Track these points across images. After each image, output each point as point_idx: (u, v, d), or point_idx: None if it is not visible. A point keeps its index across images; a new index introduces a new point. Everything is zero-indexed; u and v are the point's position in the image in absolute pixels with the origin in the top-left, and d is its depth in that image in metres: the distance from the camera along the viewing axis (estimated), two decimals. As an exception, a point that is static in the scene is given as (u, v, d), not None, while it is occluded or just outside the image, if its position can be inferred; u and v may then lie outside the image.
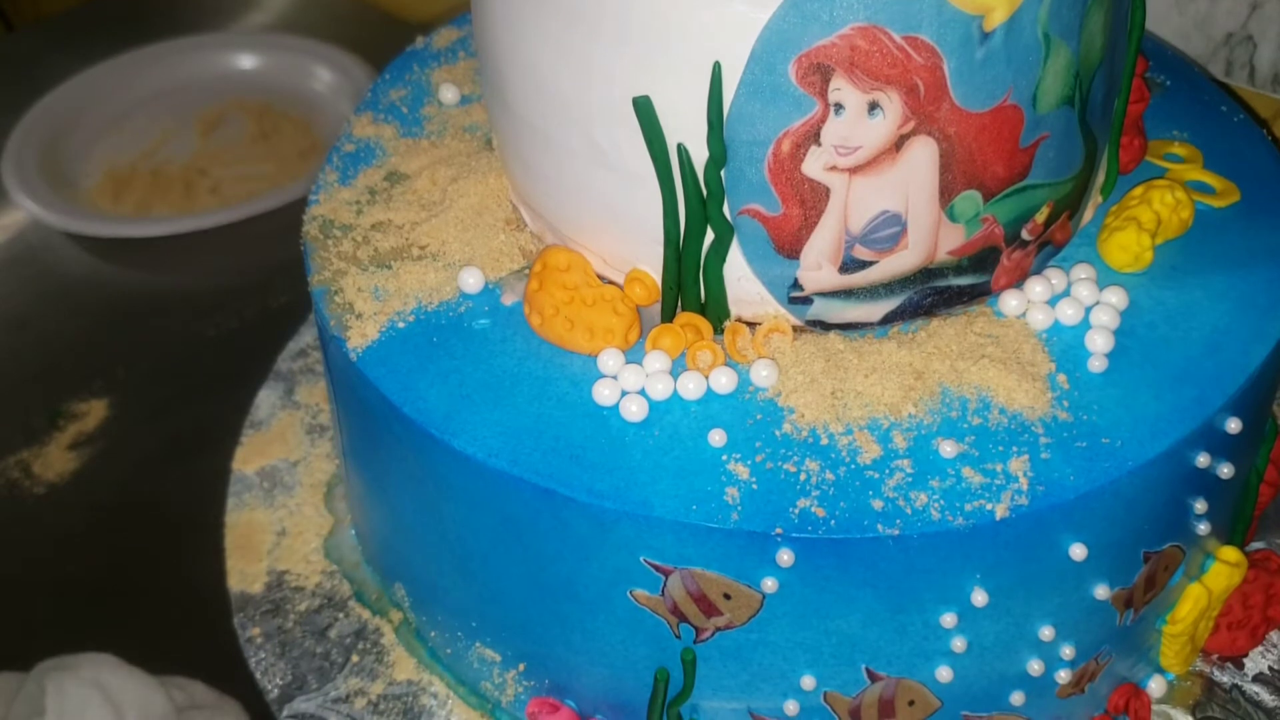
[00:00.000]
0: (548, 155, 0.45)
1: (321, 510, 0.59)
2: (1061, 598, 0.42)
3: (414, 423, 0.43)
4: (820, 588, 0.40)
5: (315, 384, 0.65)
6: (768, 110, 0.39)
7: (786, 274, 0.43)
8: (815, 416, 0.41)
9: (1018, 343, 0.43)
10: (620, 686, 0.45)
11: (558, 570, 0.43)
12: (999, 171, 0.42)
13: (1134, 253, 0.45)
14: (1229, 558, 0.48)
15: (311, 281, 0.48)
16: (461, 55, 0.57)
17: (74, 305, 0.76)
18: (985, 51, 0.39)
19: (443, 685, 0.52)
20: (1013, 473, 0.40)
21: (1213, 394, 0.42)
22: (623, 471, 0.40)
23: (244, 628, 0.55)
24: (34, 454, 0.65)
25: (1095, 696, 0.48)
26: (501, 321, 0.45)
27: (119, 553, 0.60)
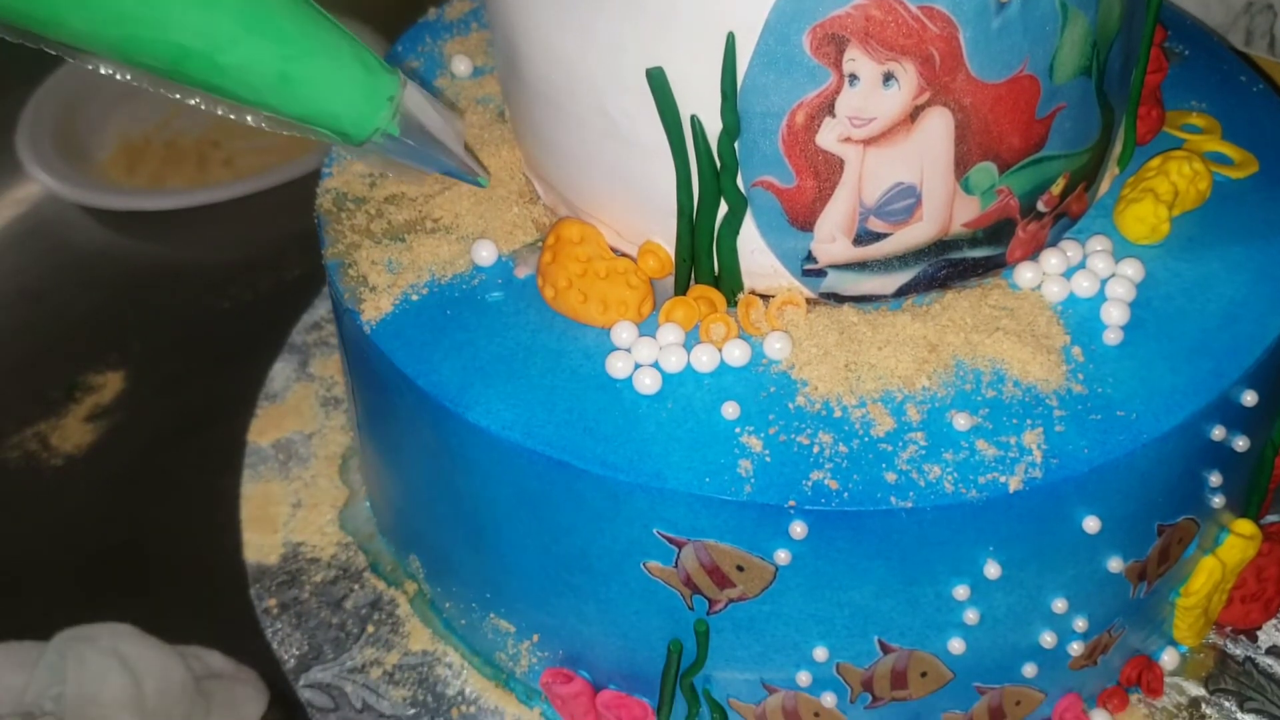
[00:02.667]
0: (561, 127, 0.44)
1: (336, 482, 0.59)
2: (1075, 570, 0.42)
3: (428, 395, 0.43)
4: (833, 560, 0.40)
5: (330, 356, 0.65)
6: (782, 81, 0.39)
7: (800, 246, 0.43)
8: (829, 389, 0.41)
9: (1032, 315, 0.43)
10: (634, 657, 0.46)
11: (571, 542, 0.43)
12: (1015, 143, 0.41)
13: (1150, 224, 0.45)
14: (1243, 531, 0.48)
15: (325, 254, 0.48)
16: (474, 27, 0.57)
17: (89, 278, 0.76)
18: (1001, 21, 0.39)
19: (457, 656, 0.52)
20: (1026, 445, 0.40)
21: (1229, 367, 0.42)
22: (636, 444, 0.40)
23: (260, 598, 0.55)
24: (51, 426, 0.66)
25: (1108, 668, 0.48)
26: (515, 294, 0.45)
27: (136, 524, 0.61)
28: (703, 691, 0.46)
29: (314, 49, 0.38)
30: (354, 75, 0.39)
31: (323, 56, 0.38)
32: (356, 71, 0.39)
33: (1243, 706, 0.49)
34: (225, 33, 0.36)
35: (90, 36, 0.34)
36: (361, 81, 0.39)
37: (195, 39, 0.35)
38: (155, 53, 0.35)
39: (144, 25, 0.34)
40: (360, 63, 0.39)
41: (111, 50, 0.35)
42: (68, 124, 0.84)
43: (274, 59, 0.37)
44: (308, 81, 0.38)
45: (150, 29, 0.34)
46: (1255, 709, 0.49)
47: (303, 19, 0.38)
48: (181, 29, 0.35)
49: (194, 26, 0.35)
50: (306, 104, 0.38)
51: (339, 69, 0.39)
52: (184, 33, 0.35)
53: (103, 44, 0.35)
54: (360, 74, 0.39)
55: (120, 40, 0.34)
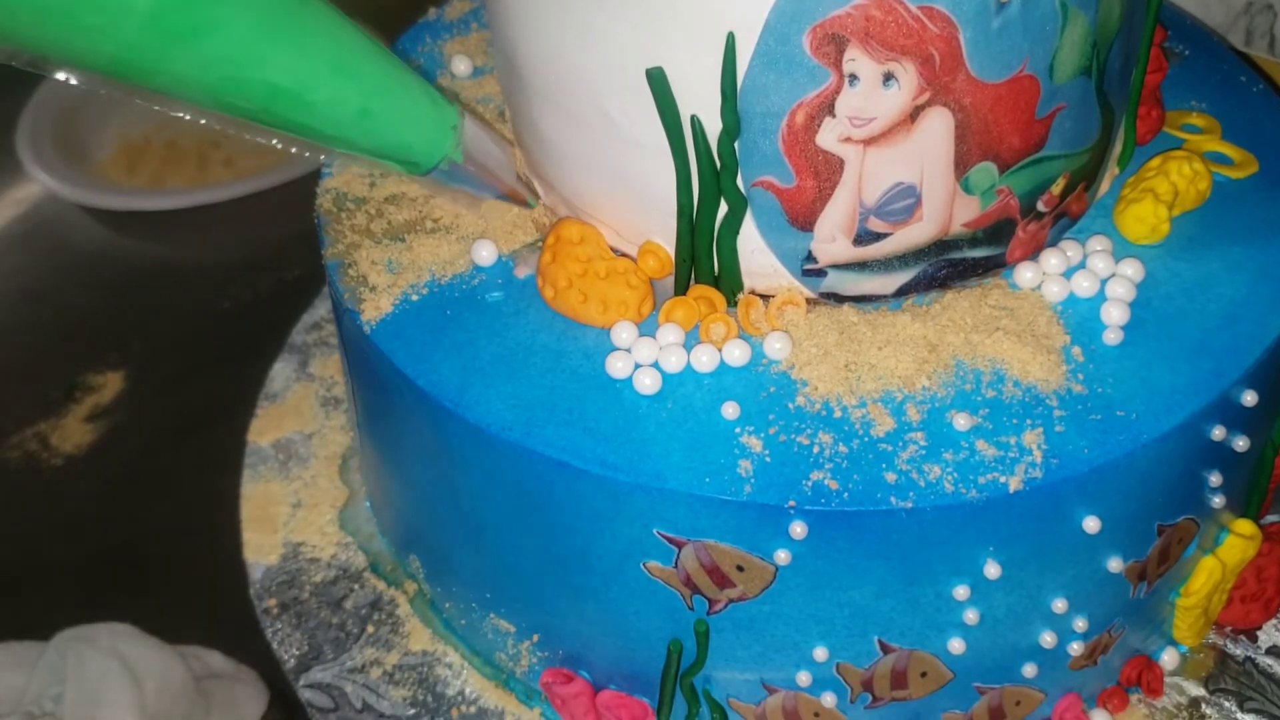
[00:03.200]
0: (560, 127, 0.44)
1: (336, 482, 0.59)
2: (1075, 570, 0.42)
3: (428, 395, 0.43)
4: (833, 560, 0.40)
5: (330, 356, 0.65)
6: (782, 81, 0.39)
7: (800, 246, 0.43)
8: (829, 389, 0.41)
9: (1032, 315, 0.43)
10: (634, 657, 0.46)
11: (571, 542, 0.43)
12: (1015, 143, 0.41)
13: (1150, 224, 0.45)
14: (1243, 531, 0.48)
15: (325, 254, 0.48)
16: (474, 27, 0.57)
17: (89, 278, 0.76)
18: (1001, 21, 0.39)
19: (457, 656, 0.52)
20: (1026, 445, 0.40)
21: (1229, 367, 0.42)
22: (636, 444, 0.40)
23: (260, 599, 0.55)
24: (51, 426, 0.66)
25: (1108, 668, 0.48)
26: (515, 294, 0.45)
27: (136, 524, 0.61)
28: (703, 691, 0.46)
29: (390, 85, 0.41)
30: (424, 108, 0.42)
31: (398, 91, 0.41)
32: (425, 104, 0.42)
33: (1243, 706, 0.49)
34: (314, 72, 0.38)
35: (190, 85, 0.37)
36: (430, 113, 0.42)
37: (288, 78, 0.38)
38: (249, 93, 0.37)
39: (243, 67, 0.37)
40: (427, 96, 0.42)
41: (207, 94, 0.37)
42: (68, 124, 0.84)
43: (356, 95, 0.40)
44: (385, 116, 0.41)
45: (248, 70, 0.37)
46: (1255, 709, 0.49)
47: (379, 58, 0.40)
48: (277, 69, 0.37)
49: (287, 67, 0.37)
50: (384, 137, 0.41)
51: (412, 103, 0.41)
52: (279, 72, 0.37)
53: (201, 90, 0.37)
54: (428, 106, 0.42)
55: (219, 83, 0.37)
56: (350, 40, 0.39)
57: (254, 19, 0.36)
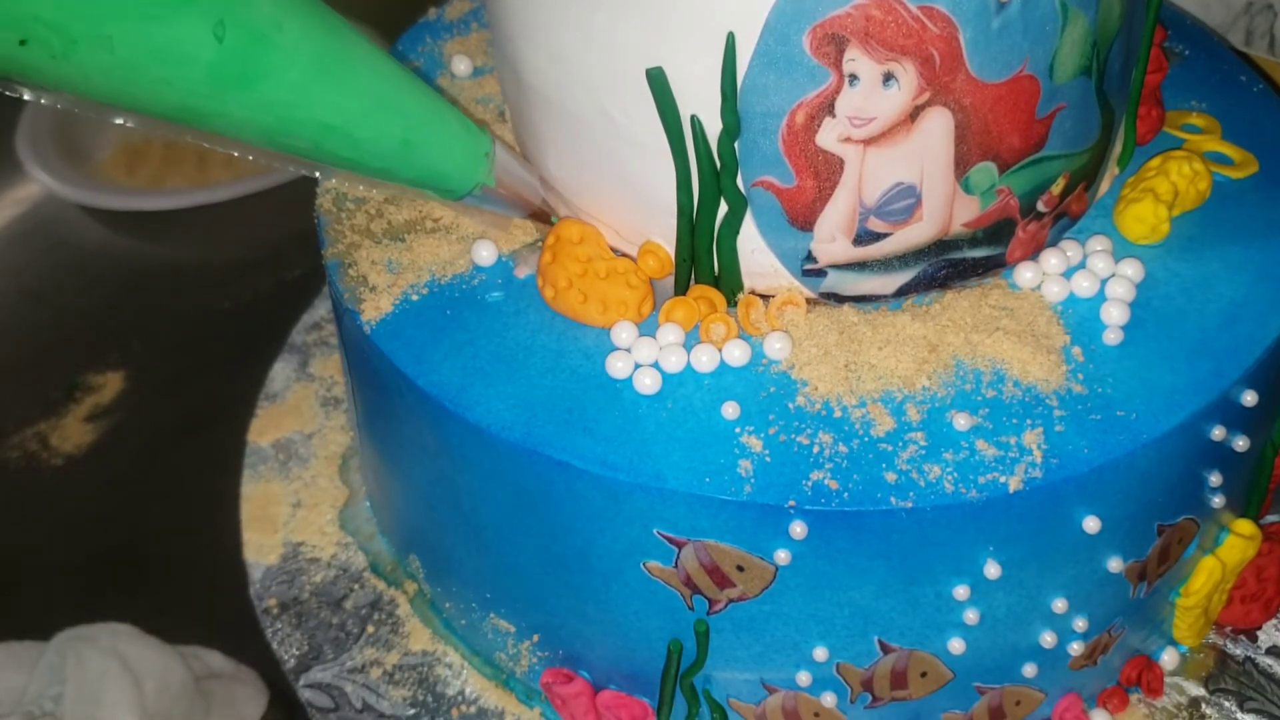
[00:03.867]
0: (560, 127, 0.44)
1: (336, 482, 0.59)
2: (1075, 570, 0.42)
3: (428, 395, 0.43)
4: (833, 560, 0.40)
5: (330, 356, 0.66)
6: (782, 81, 0.39)
7: (800, 246, 0.43)
8: (829, 389, 0.41)
9: (1032, 315, 0.43)
10: (634, 657, 0.46)
11: (571, 542, 0.43)
12: (1015, 143, 0.41)
13: (1150, 224, 0.45)
14: (1243, 531, 0.48)
15: (325, 254, 0.48)
16: (474, 27, 0.57)
17: (89, 278, 0.76)
18: (1001, 21, 0.39)
19: (457, 656, 0.52)
20: (1026, 445, 0.40)
21: (1229, 367, 0.42)
22: (636, 444, 0.40)
23: (260, 599, 0.55)
24: (51, 426, 0.66)
25: (1108, 668, 0.48)
26: (515, 294, 0.45)
27: (136, 524, 0.61)
28: (703, 691, 0.46)
29: (429, 118, 0.42)
30: (459, 136, 0.43)
31: (436, 123, 0.42)
32: (460, 133, 0.43)
33: (1243, 706, 0.49)
34: (360, 109, 0.40)
35: (246, 126, 0.38)
36: (464, 141, 0.43)
37: (337, 116, 0.39)
38: (302, 132, 0.39)
39: (296, 109, 0.39)
40: (462, 125, 0.43)
41: (260, 134, 0.39)
42: (68, 124, 0.84)
43: (399, 129, 0.41)
44: (424, 146, 0.42)
45: (300, 111, 0.39)
46: (1255, 709, 0.49)
47: (417, 92, 0.42)
48: (327, 108, 0.39)
49: (336, 105, 0.39)
50: (423, 167, 0.43)
51: (449, 133, 0.43)
52: (329, 111, 0.39)
53: (255, 131, 0.39)
54: (463, 135, 0.43)
55: (273, 124, 0.39)
56: (391, 75, 0.41)
57: (306, 63, 0.38)
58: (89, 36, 0.34)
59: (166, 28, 0.35)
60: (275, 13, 0.37)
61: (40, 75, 0.35)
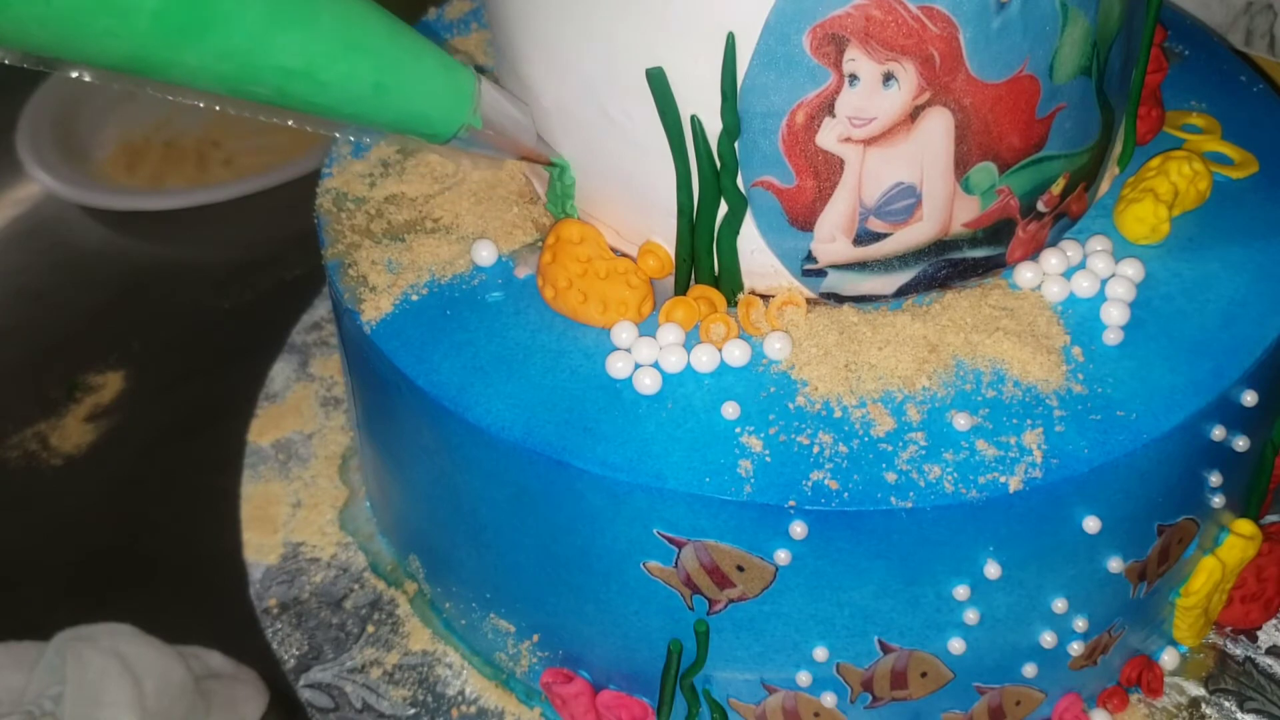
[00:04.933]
0: (560, 127, 0.44)
1: (336, 482, 0.59)
2: (1075, 570, 0.42)
3: (427, 395, 0.43)
4: (833, 560, 0.40)
5: (329, 356, 0.66)
6: (782, 81, 0.39)
7: (800, 246, 0.43)
8: (829, 389, 0.41)
9: (1032, 315, 0.43)
10: (634, 657, 0.46)
11: (571, 542, 0.43)
12: (1015, 142, 0.41)
13: (1150, 224, 0.45)
14: (1243, 531, 0.48)
15: (325, 254, 0.48)
16: (474, 27, 0.57)
17: (89, 278, 0.76)
18: (1002, 21, 0.39)
19: (457, 656, 0.52)
20: (1026, 445, 0.40)
21: (1229, 367, 0.42)
22: (636, 444, 0.40)
23: (260, 598, 0.55)
24: (51, 426, 0.66)
25: (1108, 668, 0.48)
26: (515, 294, 0.45)
27: (136, 524, 0.61)
28: (703, 691, 0.46)
29: (403, 57, 0.40)
30: (438, 76, 0.41)
31: (411, 63, 0.40)
32: (439, 72, 0.41)
33: (1243, 706, 0.49)
34: (324, 51, 0.38)
35: (203, 75, 0.37)
36: (445, 81, 0.41)
37: (299, 60, 0.37)
38: (263, 79, 0.37)
39: (254, 54, 0.37)
40: (442, 64, 0.41)
41: (222, 84, 0.37)
42: (68, 124, 0.84)
43: (369, 70, 0.39)
44: (400, 89, 0.40)
45: (259, 57, 0.37)
46: (1255, 709, 0.49)
47: (390, 30, 0.40)
48: (288, 53, 0.37)
49: (298, 49, 0.37)
50: (400, 110, 0.41)
51: (426, 73, 0.41)
52: (290, 56, 0.37)
53: (215, 80, 0.37)
54: (442, 74, 0.41)
55: (232, 74, 0.37)
56: (359, 15, 0.39)
57: (260, 6, 0.36)
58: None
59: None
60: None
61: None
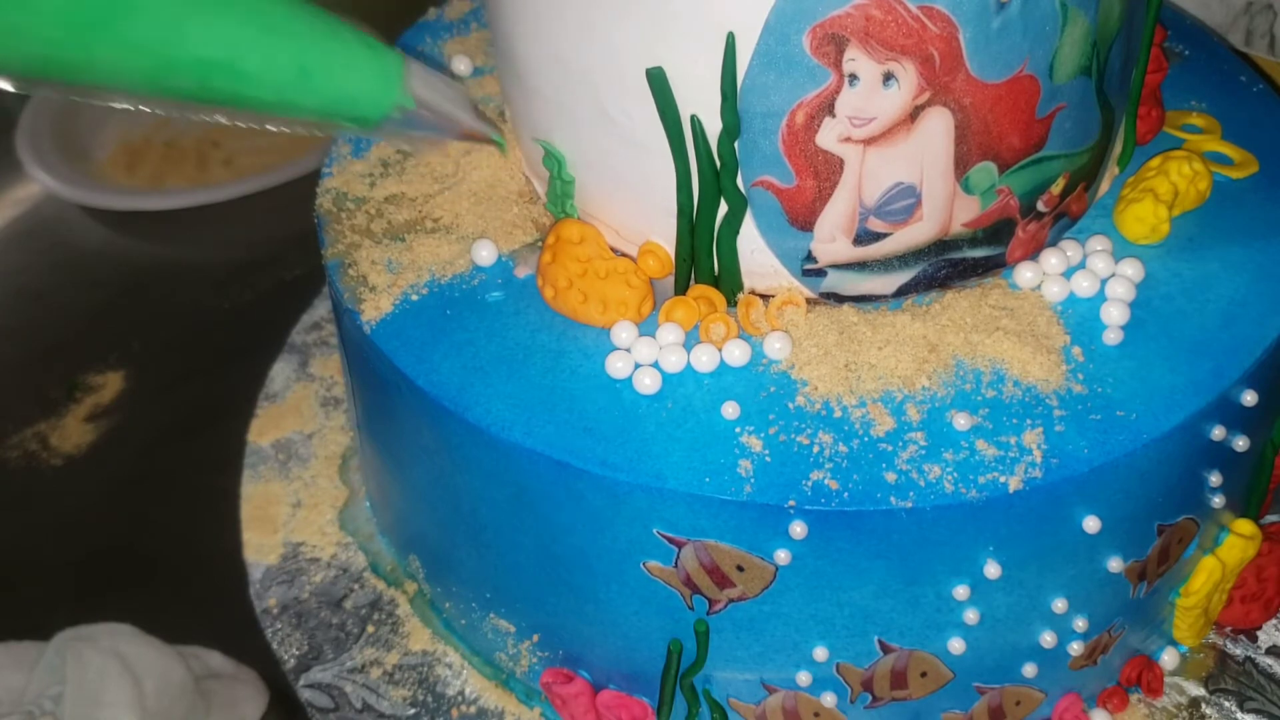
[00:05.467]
0: (561, 127, 0.44)
1: (336, 482, 0.59)
2: (1074, 570, 0.42)
3: (427, 395, 0.43)
4: (833, 560, 0.40)
5: (329, 356, 0.65)
6: (782, 81, 0.39)
7: (800, 246, 0.43)
8: (829, 389, 0.41)
9: (1032, 315, 0.43)
10: (634, 657, 0.46)
11: (571, 542, 0.43)
12: (1015, 142, 0.41)
13: (1150, 224, 0.45)
14: (1243, 530, 0.48)
15: (325, 254, 0.48)
16: (474, 27, 0.57)
17: (89, 278, 0.76)
18: (1002, 21, 0.39)
19: (457, 656, 0.52)
20: (1026, 445, 0.40)
21: (1229, 367, 0.42)
22: (636, 443, 0.40)
23: (260, 599, 0.55)
24: (51, 426, 0.66)
25: (1108, 668, 0.48)
26: (515, 294, 0.45)
27: (136, 524, 0.61)
28: (703, 691, 0.46)
29: (324, 40, 0.40)
30: (364, 57, 0.41)
31: (334, 45, 0.40)
32: (365, 54, 0.41)
33: (1243, 706, 0.49)
34: (243, 38, 0.38)
35: (119, 72, 0.36)
36: (371, 62, 0.41)
37: (217, 49, 0.37)
38: (182, 72, 0.37)
39: (169, 46, 0.36)
40: (365, 45, 0.41)
41: (141, 80, 0.37)
42: (68, 124, 0.84)
43: (291, 55, 0.39)
44: (324, 71, 0.40)
45: (175, 49, 0.36)
46: (1255, 709, 0.49)
47: (309, 14, 0.39)
48: (204, 43, 0.37)
49: (214, 38, 0.37)
50: (326, 94, 0.40)
51: (350, 54, 0.40)
52: (206, 45, 0.37)
53: (132, 76, 0.36)
54: (368, 55, 0.41)
55: (149, 69, 0.36)
56: (277, 2, 0.39)
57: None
58: None
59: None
60: None
61: None
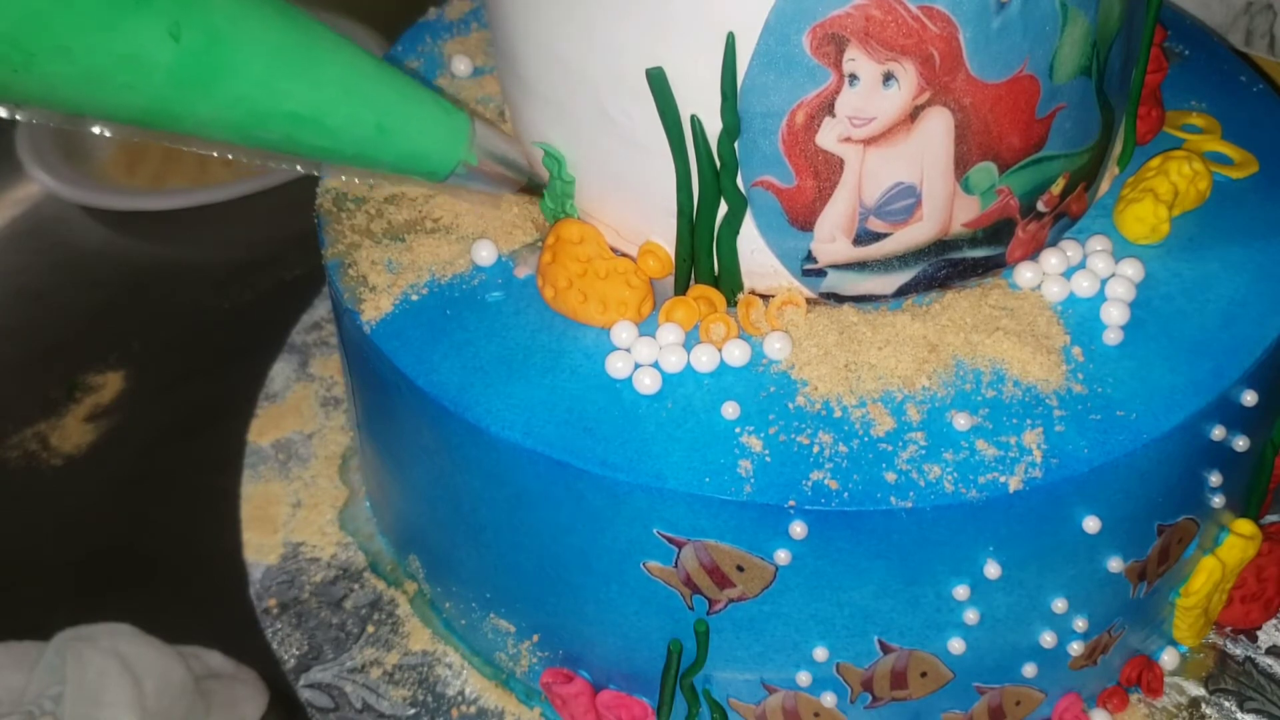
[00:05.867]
0: (560, 127, 0.44)
1: (336, 482, 0.59)
2: (1074, 570, 0.42)
3: (427, 395, 0.43)
4: (833, 560, 0.40)
5: (329, 356, 0.66)
6: (782, 81, 0.39)
7: (800, 246, 0.43)
8: (829, 389, 0.41)
9: (1032, 315, 0.43)
10: (634, 657, 0.46)
11: (571, 542, 0.43)
12: (1015, 142, 0.41)
13: (1150, 224, 0.45)
14: (1243, 530, 0.48)
15: (325, 254, 0.48)
16: (474, 27, 0.57)
17: (89, 278, 0.76)
18: (1002, 21, 0.39)
19: (457, 656, 0.52)
20: (1026, 445, 0.40)
21: (1229, 367, 0.42)
22: (636, 444, 0.40)
23: (260, 599, 0.55)
24: (51, 426, 0.66)
25: (1108, 668, 0.48)
26: (515, 294, 0.45)
27: (136, 524, 0.61)
28: (703, 691, 0.46)
29: (402, 100, 0.43)
30: (436, 117, 0.44)
31: (410, 105, 0.43)
32: (437, 113, 0.44)
33: (1243, 706, 0.49)
34: (329, 98, 0.40)
35: (214, 124, 0.39)
36: (442, 122, 0.44)
37: (306, 107, 0.40)
38: (272, 126, 0.40)
39: (263, 103, 0.39)
40: (438, 105, 0.44)
41: (232, 131, 0.40)
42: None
43: (371, 114, 0.42)
44: (400, 130, 0.43)
45: (268, 104, 0.39)
46: (1255, 709, 0.49)
47: (388, 76, 0.43)
48: (295, 100, 0.40)
49: (304, 97, 0.40)
50: (401, 150, 0.43)
51: (424, 114, 0.43)
52: (297, 103, 0.40)
53: (225, 128, 0.39)
54: (440, 115, 0.44)
55: (242, 120, 0.39)
56: (359, 62, 0.42)
57: (267, 58, 0.39)
58: (46, 48, 0.35)
59: (122, 34, 0.36)
60: (231, 9, 0.38)
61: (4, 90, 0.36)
